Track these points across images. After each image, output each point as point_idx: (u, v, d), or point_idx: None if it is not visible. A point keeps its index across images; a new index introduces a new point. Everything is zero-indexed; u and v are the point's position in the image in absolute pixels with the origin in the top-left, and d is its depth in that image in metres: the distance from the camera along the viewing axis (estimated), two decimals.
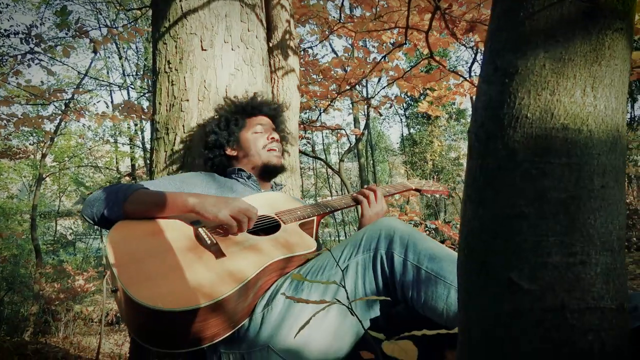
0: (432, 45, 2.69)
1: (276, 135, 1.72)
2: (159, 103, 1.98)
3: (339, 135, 4.86)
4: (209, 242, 1.25)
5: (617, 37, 0.41)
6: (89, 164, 14.88)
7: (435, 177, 14.32)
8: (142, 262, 1.17)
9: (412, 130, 17.36)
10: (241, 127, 1.70)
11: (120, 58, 14.49)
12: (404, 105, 16.99)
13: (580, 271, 0.39)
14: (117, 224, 1.29)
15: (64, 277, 5.45)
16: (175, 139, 1.90)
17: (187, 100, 1.91)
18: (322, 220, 1.63)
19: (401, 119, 17.77)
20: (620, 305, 0.39)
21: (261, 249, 1.27)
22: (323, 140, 19.17)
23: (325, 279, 1.19)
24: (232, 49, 1.99)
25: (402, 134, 18.66)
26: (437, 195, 1.83)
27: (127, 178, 16.49)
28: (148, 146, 15.81)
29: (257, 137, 1.71)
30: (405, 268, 1.12)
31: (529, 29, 0.43)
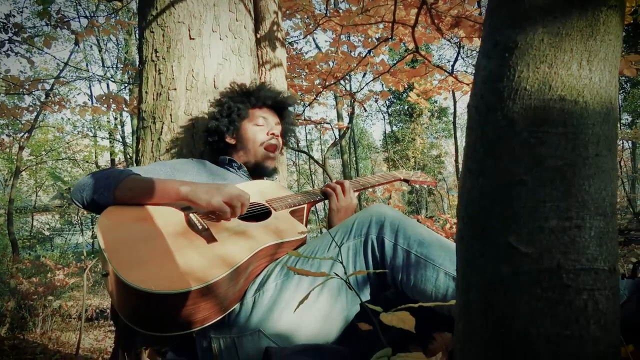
0: (417, 40, 2.72)
1: (277, 130, 1.70)
2: (146, 92, 1.97)
3: (323, 129, 4.87)
4: (200, 227, 1.26)
5: (611, 13, 0.43)
6: (67, 157, 14.58)
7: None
8: (133, 246, 1.17)
9: (394, 128, 17.49)
10: (243, 117, 1.68)
11: (100, 51, 14.23)
12: (387, 102, 17.08)
13: (576, 234, 0.41)
14: (107, 209, 1.29)
15: (43, 272, 5.35)
16: (162, 128, 1.88)
17: (175, 89, 1.90)
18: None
19: (384, 116, 17.87)
20: (612, 267, 0.41)
21: (252, 234, 1.28)
22: (306, 136, 19.18)
23: (317, 264, 1.21)
24: (221, 39, 1.98)
25: (385, 131, 18.78)
26: (420, 186, 1.86)
27: None
28: (128, 140, 15.60)
29: (257, 131, 1.68)
30: (395, 252, 1.15)
31: (528, 6, 0.45)
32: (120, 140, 15.37)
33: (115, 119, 14.85)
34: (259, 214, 1.43)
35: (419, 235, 1.15)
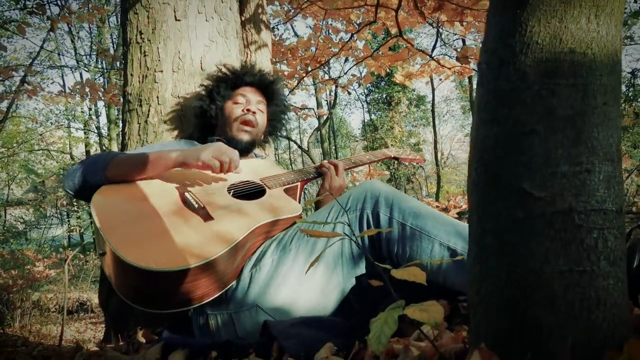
0: (400, 25, 2.73)
1: (254, 107, 1.67)
2: (131, 74, 1.94)
3: (304, 116, 4.88)
4: (196, 205, 1.26)
5: None
6: (40, 149, 14.20)
7: (395, 163, 14.55)
8: (130, 225, 1.17)
9: (373, 116, 17.55)
10: (226, 97, 1.69)
11: (73, 40, 13.83)
12: (366, 90, 17.13)
13: (586, 178, 0.44)
14: (100, 189, 1.28)
15: (21, 265, 5.24)
16: (149, 111, 1.86)
17: (161, 71, 1.88)
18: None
19: (363, 105, 17.91)
20: (619, 208, 0.44)
21: (248, 212, 1.29)
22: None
23: (312, 239, 1.22)
24: (207, 20, 1.96)
25: (364, 119, 18.84)
26: (409, 164, 1.89)
27: None
28: (103, 131, 15.27)
29: (234, 107, 1.67)
30: (391, 225, 1.17)
31: None
32: (96, 131, 15.03)
33: (90, 109, 14.51)
34: (253, 192, 1.44)
35: (414, 209, 1.18)
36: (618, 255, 0.43)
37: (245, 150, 1.67)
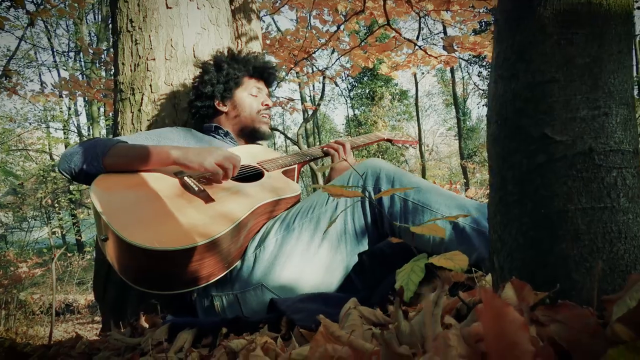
0: (388, 14, 2.76)
1: (270, 102, 1.73)
2: (122, 63, 1.92)
3: (292, 109, 4.88)
4: (196, 189, 1.26)
5: None
6: (18, 149, 13.89)
7: (379, 157, 14.63)
8: (131, 209, 1.17)
9: (356, 111, 17.61)
10: (238, 84, 1.68)
11: (50, 38, 13.55)
12: (349, 86, 17.17)
13: (604, 121, 0.46)
14: (98, 177, 1.27)
15: (6, 266, 5.14)
16: (142, 99, 1.85)
17: (154, 59, 1.87)
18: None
19: (346, 100, 17.96)
20: (635, 149, 0.47)
21: (249, 193, 1.30)
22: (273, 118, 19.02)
23: (316, 217, 1.24)
24: (198, 8, 1.96)
25: (348, 114, 18.89)
26: (402, 145, 1.91)
27: None
28: (84, 131, 15.01)
29: (253, 100, 1.70)
30: (392, 201, 1.19)
31: None
32: (76, 131, 14.78)
33: (69, 108, 14.25)
34: (251, 175, 1.44)
35: (415, 184, 1.21)
36: (636, 193, 0.46)
37: (264, 139, 1.73)
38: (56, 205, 12.45)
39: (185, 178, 1.31)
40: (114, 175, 1.29)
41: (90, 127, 12.27)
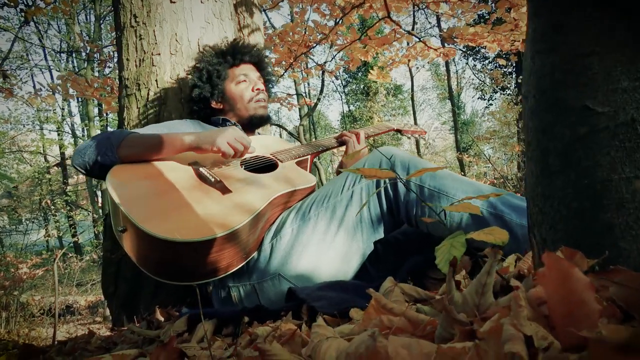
0: (388, 6, 2.76)
1: (261, 85, 1.69)
2: (127, 59, 1.92)
3: (290, 105, 4.88)
4: (212, 180, 1.26)
5: None
6: (11, 151, 13.79)
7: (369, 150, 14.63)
8: (149, 200, 1.17)
9: (351, 107, 17.61)
10: (224, 78, 1.65)
11: (41, 39, 13.43)
12: (343, 82, 17.17)
13: None
14: (113, 168, 1.27)
15: (6, 267, 5.11)
16: (148, 94, 1.85)
17: (159, 54, 1.86)
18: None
19: (341, 96, 17.95)
20: None
21: (265, 184, 1.30)
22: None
23: (331, 206, 1.24)
24: (202, 2, 1.95)
25: (343, 111, 18.88)
26: (411, 135, 1.92)
27: (56, 168, 15.49)
28: (78, 132, 14.93)
29: (243, 89, 1.67)
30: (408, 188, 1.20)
31: None
32: (70, 132, 14.69)
33: (63, 109, 14.16)
34: (265, 166, 1.45)
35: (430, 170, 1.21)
36: None
37: (265, 123, 1.70)
38: (52, 207, 12.38)
39: (201, 169, 1.31)
40: (129, 166, 1.29)
41: (86, 128, 12.18)
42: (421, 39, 3.04)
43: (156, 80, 1.84)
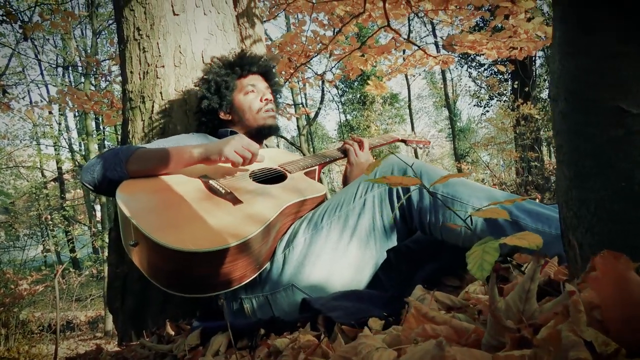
0: (387, 15, 2.78)
1: (269, 95, 1.68)
2: (130, 72, 1.91)
3: (289, 115, 4.88)
4: (223, 191, 1.26)
5: None
6: (9, 167, 13.73)
7: (374, 159, 14.66)
8: (160, 213, 1.16)
9: (348, 117, 17.66)
10: (232, 89, 1.64)
11: (37, 55, 13.44)
12: (340, 91, 17.23)
13: None
14: (122, 184, 1.26)
15: (6, 284, 5.06)
16: (153, 107, 1.84)
17: (163, 66, 1.86)
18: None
19: (337, 106, 18.01)
20: None
21: (275, 194, 1.29)
22: None
23: (344, 215, 1.24)
24: (205, 14, 1.96)
25: (340, 120, 18.92)
26: (415, 145, 1.92)
27: (53, 183, 15.43)
28: (75, 147, 14.89)
29: (251, 100, 1.66)
30: (421, 195, 1.19)
31: None
32: (67, 147, 14.65)
33: (59, 124, 14.14)
34: (274, 177, 1.44)
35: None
36: None
37: (274, 132, 1.69)
38: (50, 222, 12.31)
39: (211, 181, 1.30)
40: (138, 181, 1.28)
41: (84, 142, 12.16)
42: (420, 47, 3.05)
43: (160, 93, 1.84)
